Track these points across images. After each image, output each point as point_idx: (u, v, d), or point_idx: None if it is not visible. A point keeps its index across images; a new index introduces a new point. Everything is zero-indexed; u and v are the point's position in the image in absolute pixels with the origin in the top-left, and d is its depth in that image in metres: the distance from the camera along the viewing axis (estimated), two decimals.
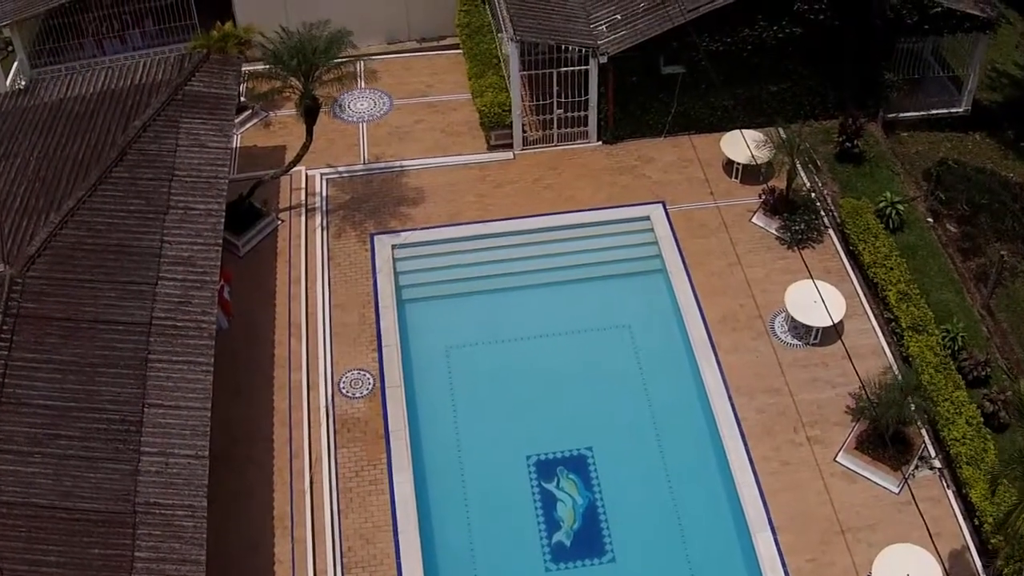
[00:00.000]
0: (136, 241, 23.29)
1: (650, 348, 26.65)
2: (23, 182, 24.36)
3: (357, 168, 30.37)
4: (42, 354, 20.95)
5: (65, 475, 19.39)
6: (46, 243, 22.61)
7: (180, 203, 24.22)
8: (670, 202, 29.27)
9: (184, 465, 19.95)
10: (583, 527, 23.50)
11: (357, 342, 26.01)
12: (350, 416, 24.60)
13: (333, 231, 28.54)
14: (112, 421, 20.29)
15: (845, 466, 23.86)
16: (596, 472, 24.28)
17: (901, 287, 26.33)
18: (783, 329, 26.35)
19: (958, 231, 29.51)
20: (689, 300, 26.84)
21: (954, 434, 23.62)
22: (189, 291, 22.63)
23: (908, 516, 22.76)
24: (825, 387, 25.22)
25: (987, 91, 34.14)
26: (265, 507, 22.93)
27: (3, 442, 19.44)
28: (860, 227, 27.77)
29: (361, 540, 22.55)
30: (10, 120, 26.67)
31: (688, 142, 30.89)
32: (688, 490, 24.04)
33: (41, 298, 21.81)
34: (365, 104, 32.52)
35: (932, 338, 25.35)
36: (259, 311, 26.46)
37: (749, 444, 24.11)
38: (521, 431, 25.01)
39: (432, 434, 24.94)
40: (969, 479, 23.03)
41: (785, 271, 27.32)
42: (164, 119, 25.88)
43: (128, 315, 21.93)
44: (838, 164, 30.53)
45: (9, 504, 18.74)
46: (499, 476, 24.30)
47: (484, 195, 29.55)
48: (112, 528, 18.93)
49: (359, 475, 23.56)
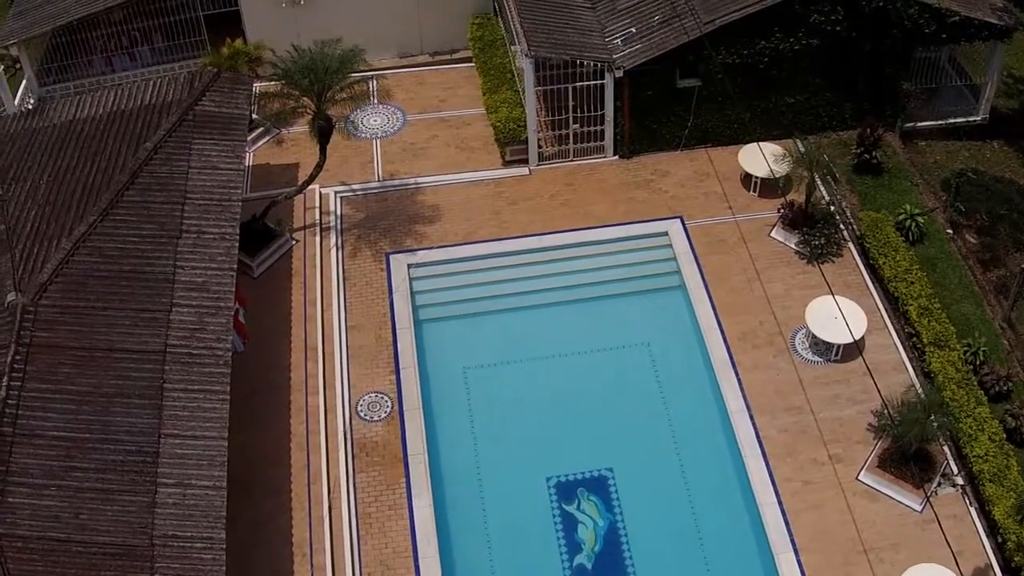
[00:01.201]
0: (149, 267, 23.03)
1: (670, 367, 26.32)
2: (33, 207, 24.14)
3: (372, 186, 30.10)
4: (56, 384, 20.69)
5: (81, 508, 19.13)
6: (58, 270, 22.36)
7: (193, 227, 23.96)
8: (688, 217, 28.96)
9: (202, 496, 19.69)
10: (604, 549, 23.20)
11: (374, 364, 25.73)
12: (368, 440, 24.32)
13: (348, 251, 28.28)
14: (128, 452, 20.04)
15: (867, 484, 23.52)
16: (617, 493, 23.96)
17: (922, 301, 25.95)
18: (804, 346, 26.00)
19: (978, 242, 29.11)
20: (709, 317, 26.52)
21: (977, 451, 23.30)
22: (204, 317, 22.36)
23: (931, 534, 22.44)
24: (847, 404, 24.87)
25: (1004, 98, 33.65)
26: (284, 534, 22.67)
27: (18, 475, 19.16)
28: (880, 240, 27.41)
29: (381, 566, 22.27)
30: (19, 142, 26.43)
31: (705, 155, 30.56)
32: (710, 511, 23.71)
33: (54, 327, 21.57)
34: (378, 120, 32.23)
35: (954, 353, 24.98)
36: (274, 334, 26.20)
37: (771, 463, 23.81)
38: (541, 452, 24.71)
39: (451, 457, 24.67)
40: (992, 496, 22.66)
41: (805, 286, 27.00)
42: (175, 140, 25.64)
43: (142, 343, 21.67)
44: (856, 176, 30.17)
45: (24, 538, 18.46)
46: (519, 498, 23.99)
47: (499, 212, 29.27)
48: (130, 561, 18.68)
49: (378, 500, 23.28)
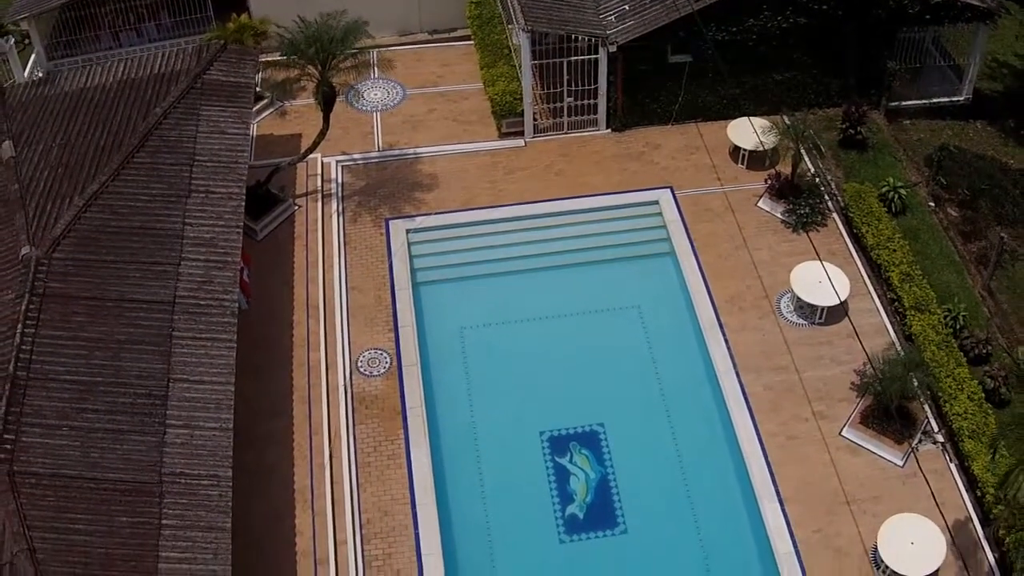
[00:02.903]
0: (159, 223, 23.59)
1: (659, 328, 26.87)
2: (46, 168, 24.66)
3: (372, 155, 30.64)
4: (68, 331, 21.23)
5: (92, 447, 19.68)
6: (70, 225, 22.93)
7: (201, 187, 24.53)
8: (678, 187, 29.51)
9: (209, 437, 20.23)
10: (596, 500, 23.75)
11: (374, 323, 26.27)
12: (368, 394, 24.86)
13: (349, 216, 28.81)
14: (138, 395, 20.57)
15: (850, 440, 24.11)
16: (608, 447, 24.51)
17: (904, 268, 26.60)
18: (789, 309, 26.59)
19: (959, 215, 29.70)
20: (697, 281, 27.09)
21: (956, 409, 23.89)
22: (211, 271, 22.92)
23: (912, 488, 23.11)
24: (830, 365, 25.46)
25: (988, 81, 34.31)
26: (286, 481, 23.22)
27: (31, 416, 19.69)
28: (863, 210, 28.04)
29: (380, 513, 22.83)
30: (31, 108, 26.94)
31: (695, 130, 31.12)
32: (698, 464, 24.27)
33: (67, 278, 22.11)
34: (379, 94, 32.76)
35: (934, 317, 25.61)
36: (277, 293, 26.72)
37: (757, 419, 24.38)
38: (534, 408, 25.24)
39: (447, 411, 25.18)
40: (971, 452, 23.28)
41: (790, 253, 27.56)
42: (184, 107, 26.23)
43: (152, 294, 22.22)
44: (842, 151, 30.73)
45: (38, 475, 18.97)
46: (513, 451, 24.53)
47: (496, 181, 29.81)
48: (139, 497, 19.20)
49: (377, 450, 23.83)
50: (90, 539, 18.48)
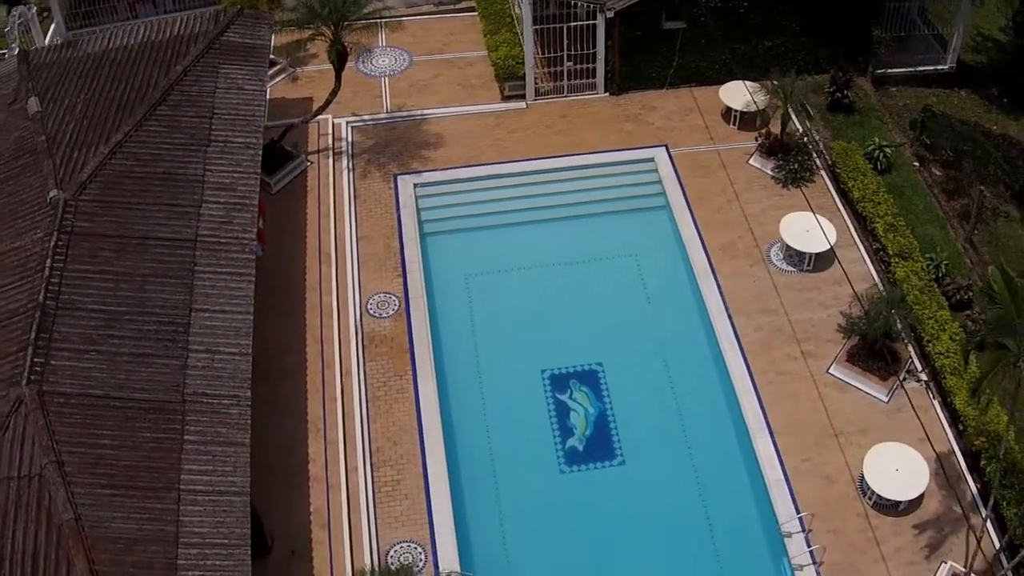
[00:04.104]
0: (180, 169, 24.28)
1: (655, 275, 27.60)
2: (71, 121, 25.28)
3: (380, 117, 31.37)
4: (95, 266, 21.92)
5: (118, 369, 20.37)
6: (96, 171, 23.61)
7: (220, 137, 25.21)
8: (673, 145, 30.25)
9: (229, 360, 20.93)
10: (595, 434, 24.47)
11: (383, 269, 26.98)
12: (377, 334, 25.57)
13: (359, 172, 29.53)
14: (161, 323, 21.27)
15: (837, 377, 24.81)
16: (606, 385, 25.23)
17: (888, 219, 27.28)
18: (779, 257, 27.28)
19: (943, 174, 30.33)
20: (691, 232, 27.81)
21: (939, 348, 24.56)
22: (231, 212, 23.62)
23: (897, 422, 23.82)
24: (818, 308, 26.17)
25: (973, 53, 34.95)
26: (299, 413, 23.96)
27: (60, 341, 20.37)
28: (850, 167, 28.72)
29: (389, 442, 23.57)
30: (55, 69, 27.50)
31: (689, 94, 31.86)
32: (692, 400, 25.02)
33: (93, 218, 22.79)
34: (387, 60, 33.46)
35: (917, 264, 26.26)
36: (291, 241, 27.44)
37: (748, 358, 25.09)
38: (536, 349, 25.96)
39: (453, 351, 25.91)
40: (953, 388, 23.93)
41: (780, 207, 28.25)
42: (203, 65, 26.89)
43: (175, 232, 22.90)
44: (830, 114, 31.47)
45: (66, 395, 19.68)
46: (516, 388, 25.26)
47: (499, 140, 30.53)
48: (162, 415, 19.90)
49: (386, 385, 24.56)
50: (116, 453, 19.16)
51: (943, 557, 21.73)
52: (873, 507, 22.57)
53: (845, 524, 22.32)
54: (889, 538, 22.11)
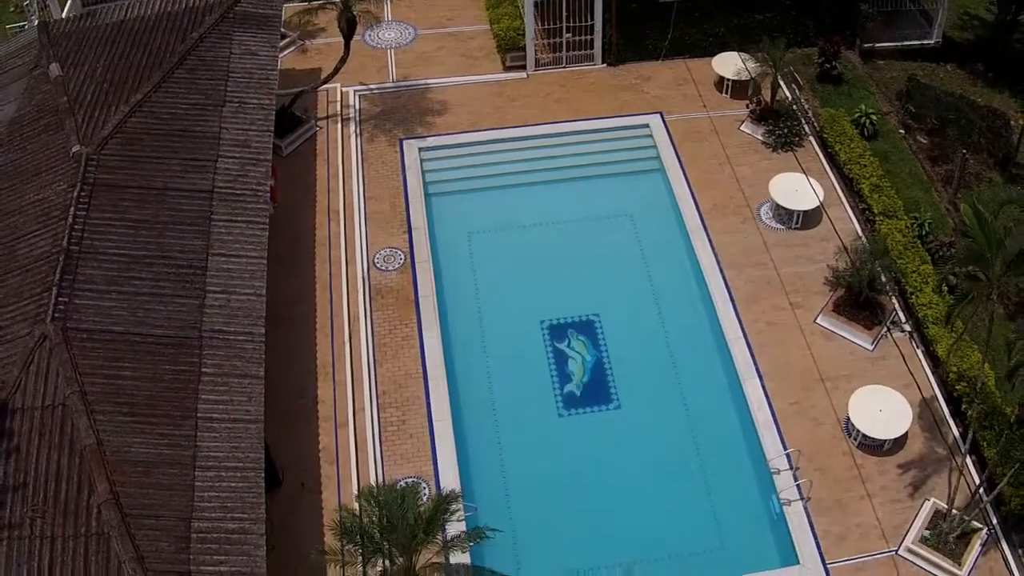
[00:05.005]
0: (198, 127, 25.08)
1: (650, 232, 28.30)
2: (92, 84, 26.04)
3: (387, 86, 32.16)
4: (117, 214, 22.70)
5: (138, 308, 21.14)
6: (117, 128, 24.37)
7: (235, 98, 26.03)
8: (667, 113, 30.97)
9: (244, 301, 21.75)
10: (592, 380, 25.15)
11: (389, 226, 27.73)
12: (384, 286, 26.30)
13: (366, 137, 30.30)
14: (180, 266, 22.05)
15: (824, 327, 25.52)
16: (603, 334, 25.93)
17: (874, 180, 28.01)
18: (768, 216, 28.01)
19: (928, 142, 30.99)
20: (684, 192, 28.54)
21: (922, 300, 25.30)
22: (246, 166, 24.43)
23: (881, 369, 24.55)
24: (806, 263, 26.87)
25: (959, 31, 35.69)
26: (309, 357, 24.73)
27: (83, 282, 21.15)
28: (837, 132, 29.44)
29: (395, 385, 24.29)
30: (74, 38, 28.27)
31: (683, 65, 32.62)
32: (685, 348, 25.70)
33: (114, 171, 23.57)
34: (392, 34, 34.27)
35: (901, 222, 26.97)
36: (301, 200, 28.24)
37: (738, 308, 25.82)
38: (535, 301, 26.64)
39: (456, 303, 26.61)
40: (935, 336, 24.65)
41: (769, 170, 28.93)
42: (218, 33, 27.70)
43: (192, 184, 23.69)
44: (819, 84, 32.20)
45: (89, 331, 20.44)
46: (516, 337, 25.96)
47: (501, 107, 31.30)
48: (181, 350, 20.66)
49: (392, 332, 25.29)
50: (136, 384, 19.92)
51: (926, 495, 22.42)
52: (859, 447, 23.25)
53: (831, 463, 22.99)
54: (874, 477, 22.79)
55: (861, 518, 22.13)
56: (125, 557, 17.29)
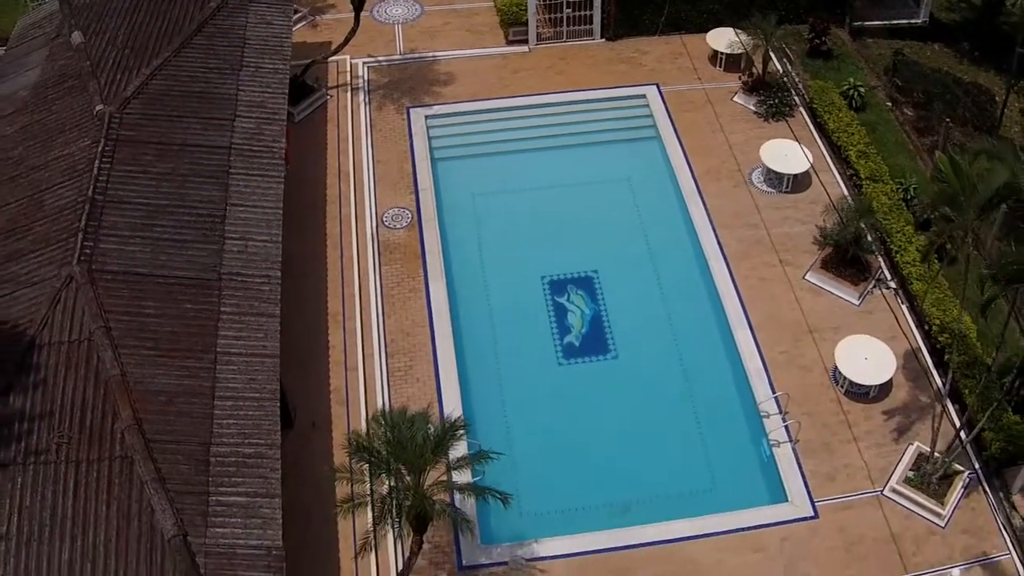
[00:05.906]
0: (215, 89, 25.86)
1: (646, 195, 29.09)
2: (113, 50, 26.77)
3: (394, 58, 32.99)
4: (139, 167, 23.46)
5: (161, 252, 21.91)
6: (139, 89, 25.13)
7: (251, 63, 26.84)
8: (663, 84, 31.79)
9: (261, 246, 22.52)
10: (590, 331, 25.93)
11: (397, 187, 28.52)
12: (392, 242, 27.09)
13: (375, 105, 31.09)
14: (199, 215, 22.82)
15: (812, 283, 26.29)
16: (601, 289, 26.70)
17: (861, 147, 28.75)
18: (759, 180, 28.80)
19: (914, 114, 31.77)
20: (679, 158, 29.35)
21: (906, 258, 26.02)
22: (261, 125, 25.22)
23: (867, 321, 25.31)
24: (795, 224, 27.65)
25: (946, 12, 36.40)
26: (320, 307, 25.51)
27: (108, 229, 21.92)
28: (826, 102, 30.21)
29: (402, 333, 25.08)
30: (95, 8, 28.90)
31: (679, 40, 33.42)
32: (679, 302, 26.48)
33: (136, 128, 24.32)
34: (399, 10, 35.10)
35: (887, 186, 27.71)
36: (313, 163, 29.03)
37: (731, 265, 26.61)
38: (536, 258, 27.44)
39: (461, 259, 27.38)
40: (919, 292, 25.37)
41: (761, 137, 29.69)
42: (234, 3, 28.44)
43: (211, 141, 24.48)
44: (809, 60, 32.98)
45: (113, 272, 21.21)
46: (518, 291, 26.75)
47: (504, 78, 32.11)
48: (201, 291, 21.44)
49: (400, 285, 26.08)
50: (159, 321, 20.70)
51: (911, 440, 23.17)
52: (845, 394, 24.01)
53: (819, 408, 23.76)
54: (860, 422, 23.55)
55: (848, 460, 22.88)
56: (147, 478, 18.04)
